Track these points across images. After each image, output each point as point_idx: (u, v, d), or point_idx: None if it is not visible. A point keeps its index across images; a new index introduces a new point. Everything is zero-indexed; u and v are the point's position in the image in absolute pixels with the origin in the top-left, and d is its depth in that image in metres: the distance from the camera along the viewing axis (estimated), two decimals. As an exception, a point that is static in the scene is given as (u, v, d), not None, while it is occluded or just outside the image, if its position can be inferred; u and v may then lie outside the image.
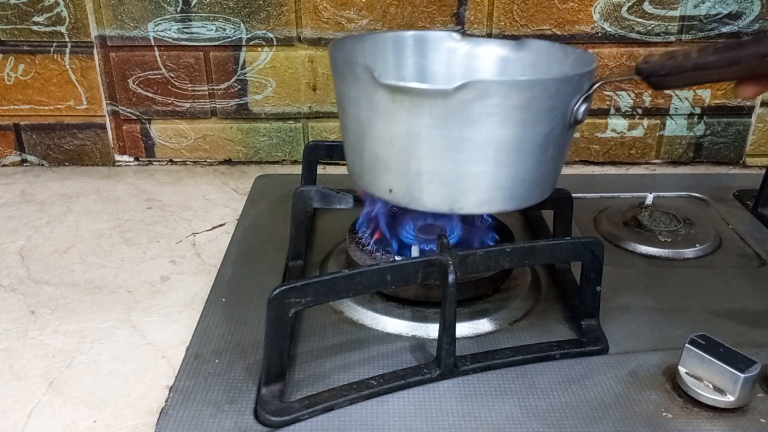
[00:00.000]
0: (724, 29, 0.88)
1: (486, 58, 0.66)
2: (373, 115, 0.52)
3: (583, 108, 0.52)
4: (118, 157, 0.97)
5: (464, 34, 0.65)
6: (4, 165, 0.96)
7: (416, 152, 0.52)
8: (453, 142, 0.51)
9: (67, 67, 0.90)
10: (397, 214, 0.64)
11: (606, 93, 0.93)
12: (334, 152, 0.76)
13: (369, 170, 0.56)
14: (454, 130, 0.50)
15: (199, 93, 0.92)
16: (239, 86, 0.92)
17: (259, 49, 0.90)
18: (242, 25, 0.88)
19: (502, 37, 0.89)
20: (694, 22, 0.88)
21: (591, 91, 0.53)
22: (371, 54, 0.63)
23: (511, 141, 0.51)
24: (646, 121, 0.94)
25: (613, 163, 0.97)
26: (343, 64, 0.54)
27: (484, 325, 0.58)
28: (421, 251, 0.60)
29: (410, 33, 0.66)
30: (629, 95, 0.93)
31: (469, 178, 0.52)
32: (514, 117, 0.50)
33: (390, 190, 0.55)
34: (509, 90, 0.49)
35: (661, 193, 0.82)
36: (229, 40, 0.89)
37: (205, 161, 0.97)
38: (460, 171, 0.52)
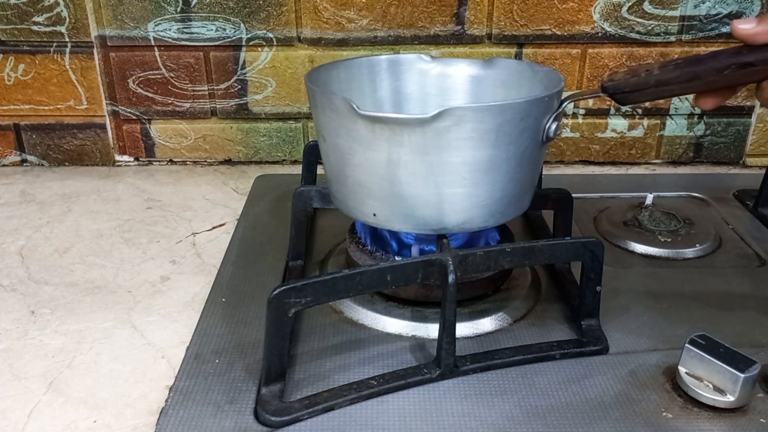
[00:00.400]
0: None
1: (458, 77, 0.68)
2: (354, 144, 0.54)
3: (554, 126, 0.55)
4: (118, 157, 0.97)
5: (434, 54, 0.68)
6: (4, 165, 0.96)
7: (397, 177, 0.53)
8: (432, 167, 0.52)
9: (67, 67, 0.90)
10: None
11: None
12: (334, 152, 0.75)
13: (352, 196, 0.57)
14: (432, 155, 0.52)
15: (199, 93, 0.92)
16: (239, 86, 0.92)
17: (259, 49, 0.90)
18: (242, 25, 0.88)
19: (501, 37, 0.89)
20: (694, 22, 0.88)
21: (560, 110, 0.55)
22: (346, 81, 0.65)
23: (487, 162, 0.53)
24: (646, 121, 0.94)
25: (613, 163, 0.97)
26: (321, 96, 0.55)
27: (484, 325, 0.58)
28: (421, 251, 0.60)
29: (383, 57, 0.68)
30: (629, 95, 0.92)
31: (449, 199, 0.54)
32: (489, 140, 0.52)
33: (374, 215, 0.56)
34: (483, 115, 0.51)
35: (661, 193, 0.82)
36: (229, 40, 0.89)
37: (205, 161, 0.97)
38: (441, 193, 0.54)
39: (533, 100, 0.53)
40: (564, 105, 0.55)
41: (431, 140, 0.51)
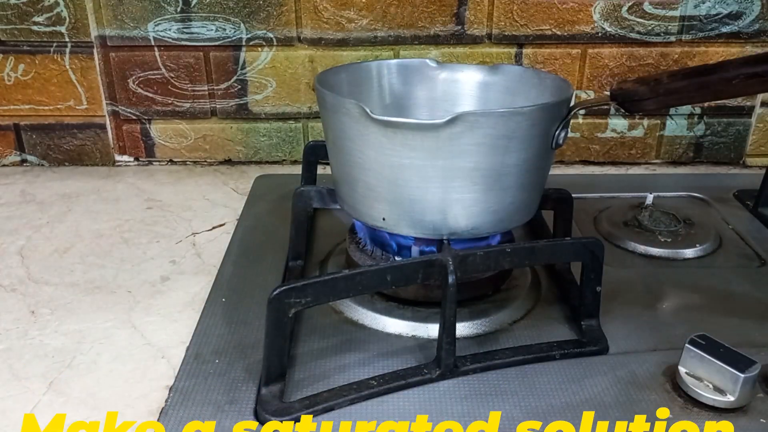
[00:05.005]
0: (724, 29, 0.88)
1: (465, 83, 0.68)
2: (365, 148, 0.54)
3: (563, 134, 0.55)
4: (118, 157, 0.97)
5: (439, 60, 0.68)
6: (4, 165, 0.96)
7: (408, 182, 0.53)
8: (444, 171, 0.52)
9: (67, 67, 0.90)
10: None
11: (606, 93, 0.93)
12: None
13: (361, 200, 0.57)
14: (445, 160, 0.52)
15: (199, 93, 0.92)
16: (239, 86, 0.92)
17: (259, 49, 0.90)
18: (242, 25, 0.88)
19: (501, 37, 0.89)
20: (694, 22, 0.88)
21: (569, 117, 0.55)
22: (354, 84, 0.65)
23: (498, 168, 0.53)
24: (646, 121, 0.94)
25: (613, 163, 0.97)
26: (333, 100, 0.55)
27: (484, 325, 0.58)
28: (421, 252, 0.60)
29: (392, 62, 0.69)
30: (629, 95, 0.92)
31: (459, 204, 0.54)
32: (502, 145, 0.52)
33: (383, 219, 0.56)
34: (496, 121, 0.51)
35: (661, 193, 0.82)
36: (229, 40, 0.89)
37: (205, 161, 0.97)
38: (451, 198, 0.54)
39: (545, 107, 0.53)
40: (573, 112, 0.56)
41: (443, 145, 0.51)
